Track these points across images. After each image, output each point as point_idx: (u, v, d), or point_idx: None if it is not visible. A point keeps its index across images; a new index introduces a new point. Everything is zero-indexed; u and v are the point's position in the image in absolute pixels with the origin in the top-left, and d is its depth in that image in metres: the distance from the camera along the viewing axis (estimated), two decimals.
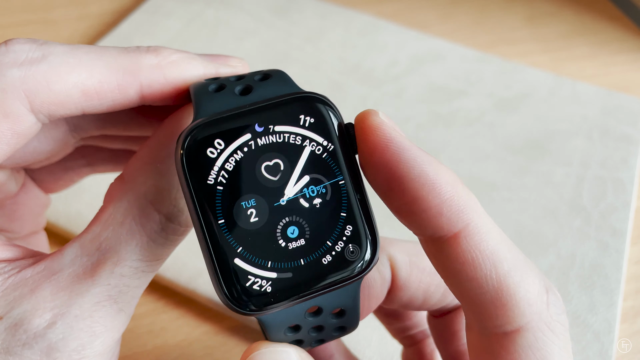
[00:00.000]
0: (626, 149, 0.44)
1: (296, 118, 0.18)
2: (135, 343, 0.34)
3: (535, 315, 0.17)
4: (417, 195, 0.17)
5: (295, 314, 0.19)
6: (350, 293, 0.20)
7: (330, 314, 0.20)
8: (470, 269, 0.17)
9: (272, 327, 0.19)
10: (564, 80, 0.50)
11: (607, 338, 0.34)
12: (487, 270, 0.17)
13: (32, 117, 0.19)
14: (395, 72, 0.50)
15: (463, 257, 0.17)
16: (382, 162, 0.18)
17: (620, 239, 0.39)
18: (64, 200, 0.38)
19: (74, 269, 0.19)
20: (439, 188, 0.17)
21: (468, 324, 0.19)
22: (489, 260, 0.17)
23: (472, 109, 0.47)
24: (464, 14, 0.59)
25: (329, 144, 0.19)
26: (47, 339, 0.18)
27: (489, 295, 0.17)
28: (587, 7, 0.60)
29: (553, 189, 0.42)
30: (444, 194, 0.17)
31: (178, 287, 0.36)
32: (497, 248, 0.18)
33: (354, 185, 0.19)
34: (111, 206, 0.20)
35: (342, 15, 0.55)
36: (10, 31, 0.54)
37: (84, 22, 0.55)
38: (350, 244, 0.18)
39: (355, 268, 0.18)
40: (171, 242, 0.20)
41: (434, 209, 0.17)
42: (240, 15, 0.54)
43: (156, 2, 0.55)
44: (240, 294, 0.18)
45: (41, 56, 0.19)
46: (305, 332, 0.20)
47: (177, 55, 0.21)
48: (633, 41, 0.57)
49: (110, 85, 0.20)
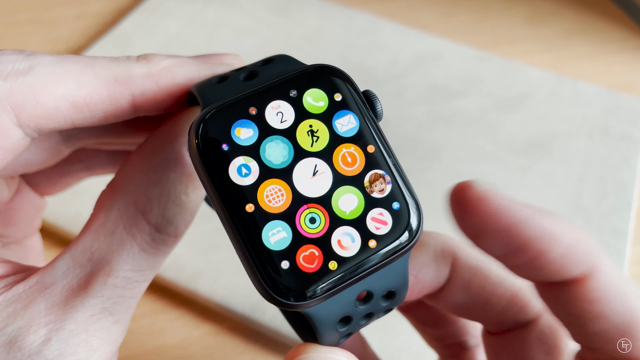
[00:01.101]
0: (627, 148, 0.44)
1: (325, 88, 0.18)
2: (134, 344, 0.34)
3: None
4: (542, 249, 0.18)
5: (346, 303, 0.18)
6: (400, 270, 0.19)
7: (380, 298, 0.19)
8: (600, 306, 0.18)
9: (323, 321, 0.18)
10: (564, 79, 0.50)
11: None
12: (617, 305, 0.18)
13: (19, 132, 0.19)
14: (396, 71, 0.50)
15: (592, 295, 0.18)
16: (497, 230, 0.18)
17: (621, 239, 0.39)
18: (63, 201, 0.38)
19: (67, 282, 0.19)
20: (563, 238, 0.18)
21: None
22: (618, 295, 0.18)
23: (473, 109, 0.47)
24: (464, 13, 0.59)
25: (357, 116, 0.18)
26: (42, 356, 0.17)
27: (619, 329, 0.18)
28: (588, 6, 0.60)
29: (554, 189, 0.41)
30: (569, 242, 0.18)
31: (178, 287, 0.35)
32: (624, 285, 0.18)
33: (387, 152, 0.18)
34: (102, 214, 0.20)
35: (342, 14, 0.55)
36: (10, 30, 0.53)
37: (83, 22, 0.55)
38: (394, 213, 0.18)
39: (402, 238, 0.17)
40: (162, 252, 0.20)
41: (561, 258, 0.18)
42: (240, 14, 0.54)
43: (156, 2, 0.55)
44: (281, 283, 0.16)
45: (28, 67, 0.18)
46: (356, 323, 0.19)
47: (169, 61, 0.20)
48: (634, 41, 0.56)
49: (101, 96, 0.19)
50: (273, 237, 0.17)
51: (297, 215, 0.17)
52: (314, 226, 0.17)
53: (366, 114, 0.18)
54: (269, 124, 0.17)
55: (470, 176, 0.42)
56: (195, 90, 0.19)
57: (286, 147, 0.17)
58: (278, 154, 0.17)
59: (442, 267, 0.23)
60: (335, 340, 0.19)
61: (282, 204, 0.17)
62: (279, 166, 0.17)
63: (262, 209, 0.17)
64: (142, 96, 0.20)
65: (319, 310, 0.17)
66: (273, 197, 0.17)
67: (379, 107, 0.19)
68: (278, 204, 0.17)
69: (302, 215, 0.17)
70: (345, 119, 0.18)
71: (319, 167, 0.17)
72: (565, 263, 0.18)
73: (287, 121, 0.18)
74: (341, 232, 0.17)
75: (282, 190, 0.17)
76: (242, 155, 0.17)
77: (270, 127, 0.17)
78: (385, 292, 0.19)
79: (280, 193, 0.17)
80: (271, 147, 0.17)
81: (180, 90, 0.20)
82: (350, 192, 0.17)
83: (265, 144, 0.17)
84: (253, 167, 0.17)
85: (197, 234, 0.37)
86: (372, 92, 0.19)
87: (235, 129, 0.17)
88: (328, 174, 0.17)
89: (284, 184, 0.17)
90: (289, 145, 0.17)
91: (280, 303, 0.16)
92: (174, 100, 0.21)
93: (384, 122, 0.45)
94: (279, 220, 0.17)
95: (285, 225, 0.17)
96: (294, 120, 0.18)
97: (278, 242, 0.17)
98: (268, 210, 0.17)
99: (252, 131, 0.17)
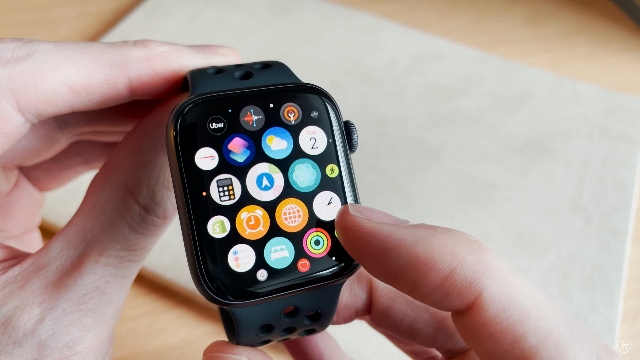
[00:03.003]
0: (627, 148, 0.44)
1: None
2: (134, 343, 0.34)
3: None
4: (416, 281, 0.16)
5: (271, 312, 0.18)
6: (330, 296, 0.19)
7: (305, 316, 0.19)
8: (489, 344, 0.15)
9: (245, 324, 0.18)
10: (564, 80, 0.50)
11: (607, 338, 0.34)
12: (508, 345, 0.15)
13: (20, 117, 0.19)
14: (396, 71, 0.50)
15: (479, 331, 0.15)
16: (371, 258, 0.17)
17: (620, 239, 0.39)
18: (63, 200, 0.38)
19: (61, 262, 0.19)
20: (436, 266, 0.16)
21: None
22: (509, 333, 0.15)
23: (473, 109, 0.47)
24: (464, 13, 0.59)
25: (329, 138, 0.19)
26: (36, 336, 0.18)
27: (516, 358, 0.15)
28: (587, 6, 0.60)
29: (553, 189, 0.42)
30: (443, 270, 0.16)
31: (178, 287, 0.35)
32: (520, 317, 0.15)
33: (348, 177, 0.19)
34: (94, 196, 0.20)
35: (342, 14, 0.55)
36: (10, 31, 0.53)
37: (84, 22, 0.55)
38: (334, 240, 0.18)
39: (335, 268, 0.18)
40: (152, 233, 0.20)
41: (439, 289, 0.16)
42: (240, 14, 0.54)
43: (156, 2, 0.55)
44: (220, 282, 0.17)
45: (26, 54, 0.19)
46: (276, 334, 0.19)
47: (165, 47, 0.21)
48: (634, 41, 0.56)
49: (98, 80, 0.20)
50: (216, 229, 0.17)
51: (237, 215, 0.17)
52: (252, 230, 0.17)
53: (339, 140, 0.19)
54: (242, 125, 0.18)
55: (470, 176, 0.42)
56: (189, 75, 0.20)
57: (249, 151, 0.18)
58: (240, 153, 0.18)
59: (358, 291, 0.22)
60: (252, 343, 0.19)
61: (258, 232, 0.17)
62: (240, 164, 0.18)
63: (212, 199, 0.17)
64: (139, 80, 0.20)
65: (244, 312, 0.18)
66: (224, 193, 0.17)
67: (355, 138, 0.19)
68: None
69: (243, 215, 0.18)
70: (313, 137, 0.19)
71: (275, 177, 0.18)
72: (444, 294, 0.16)
73: (257, 126, 0.18)
74: (277, 242, 0.18)
75: (232, 188, 0.17)
76: (209, 146, 0.17)
77: (242, 127, 0.18)
78: (312, 312, 0.19)
79: (231, 192, 0.17)
80: (234, 146, 0.18)
81: (176, 75, 0.21)
82: (298, 205, 0.18)
83: (229, 141, 0.18)
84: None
85: None
86: (351, 123, 0.19)
87: (210, 122, 0.18)
88: (280, 186, 0.18)
89: (237, 182, 0.18)
90: (252, 150, 0.18)
91: (210, 298, 0.17)
92: (170, 85, 0.21)
93: (384, 122, 0.45)
94: (222, 216, 0.17)
95: (227, 222, 0.17)
96: (262, 126, 0.18)
97: (219, 235, 0.17)
98: (217, 202, 0.17)
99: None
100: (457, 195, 0.41)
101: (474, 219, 0.39)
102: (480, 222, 0.39)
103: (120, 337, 0.34)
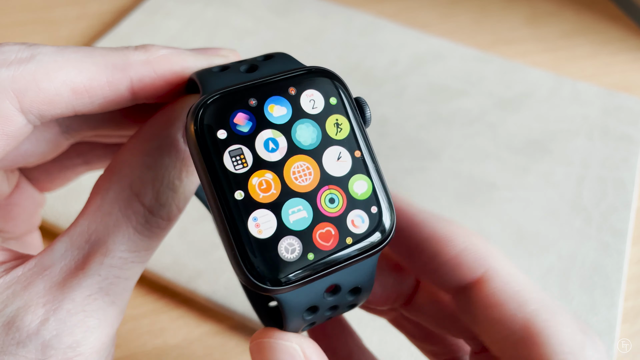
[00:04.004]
0: (627, 148, 0.44)
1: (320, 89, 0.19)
2: (134, 343, 0.34)
3: (569, 355, 0.17)
4: (435, 250, 0.19)
5: (315, 293, 0.19)
6: (368, 269, 0.20)
7: (347, 293, 0.20)
8: (496, 311, 0.18)
9: (292, 308, 0.19)
10: (564, 80, 0.50)
11: (607, 338, 0.34)
12: (513, 310, 0.18)
13: (22, 118, 0.19)
14: (396, 71, 0.50)
15: (487, 300, 0.18)
16: (397, 230, 0.20)
17: (620, 239, 0.39)
18: (63, 200, 0.38)
19: (66, 263, 0.19)
20: (453, 240, 0.19)
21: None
22: (514, 300, 0.18)
23: (473, 109, 0.47)
24: (464, 13, 0.59)
25: (350, 119, 0.19)
26: (40, 337, 0.18)
27: (517, 335, 0.17)
28: (587, 6, 0.60)
29: (553, 189, 0.42)
30: (459, 245, 0.19)
31: (178, 287, 0.35)
32: (521, 289, 0.18)
33: (370, 156, 0.19)
34: (99, 197, 0.20)
35: (342, 14, 0.55)
36: (10, 30, 0.53)
37: (83, 22, 0.55)
38: (371, 215, 0.19)
39: (374, 238, 0.18)
40: (156, 235, 0.20)
41: (453, 260, 0.19)
42: (240, 14, 0.54)
43: (156, 2, 0.55)
44: (261, 267, 0.17)
45: (30, 56, 0.19)
46: (321, 314, 0.20)
47: (166, 50, 0.21)
48: (634, 41, 0.56)
49: (100, 82, 0.20)
50: (259, 226, 0.17)
51: (282, 206, 0.18)
52: (298, 218, 0.18)
53: (358, 119, 0.19)
54: (266, 116, 0.18)
55: (470, 176, 0.42)
56: (195, 76, 0.20)
57: (280, 141, 0.18)
58: (271, 146, 0.18)
59: (404, 276, 0.23)
60: (299, 328, 0.20)
61: (271, 194, 0.18)
62: (271, 159, 0.18)
63: (251, 196, 0.17)
64: (140, 82, 0.20)
65: (290, 297, 0.18)
66: (262, 187, 0.17)
67: (368, 113, 0.20)
68: (267, 193, 0.17)
69: (288, 206, 0.18)
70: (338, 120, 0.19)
71: (305, 166, 0.18)
72: (457, 265, 0.19)
73: (284, 117, 0.18)
74: (323, 227, 0.18)
75: (270, 182, 0.18)
76: (238, 143, 0.17)
77: (267, 120, 0.18)
78: (352, 287, 0.20)
79: (267, 184, 0.18)
80: (264, 137, 0.18)
81: (177, 78, 0.21)
82: (334, 193, 0.18)
83: (258, 135, 0.18)
84: (247, 156, 0.18)
85: (197, 234, 0.37)
86: (362, 99, 0.20)
87: (234, 117, 0.18)
88: (311, 175, 0.18)
89: (275, 176, 0.18)
90: (286, 139, 0.18)
91: (257, 287, 0.17)
92: (171, 88, 0.21)
93: (384, 122, 0.45)
94: (265, 209, 0.17)
95: (272, 215, 0.17)
96: (290, 117, 0.18)
97: (265, 230, 0.17)
98: (256, 199, 0.17)
99: (250, 121, 0.18)
100: (457, 195, 0.41)
101: (474, 218, 0.39)
102: (480, 222, 0.39)
103: (120, 337, 0.34)
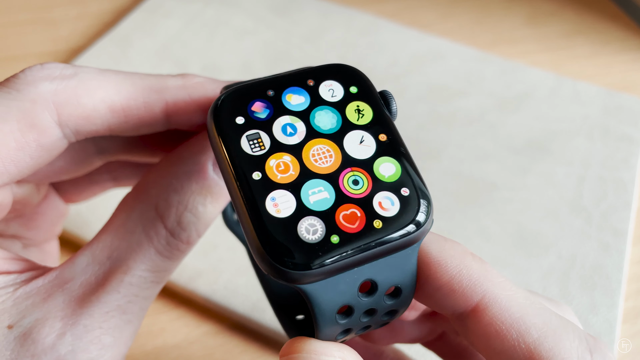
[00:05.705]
0: (627, 149, 0.44)
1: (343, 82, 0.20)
2: (134, 344, 0.34)
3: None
4: (427, 275, 0.18)
5: (348, 290, 0.17)
6: (407, 267, 0.18)
7: (384, 294, 0.18)
8: (496, 342, 0.17)
9: (324, 306, 0.17)
10: (564, 79, 0.50)
11: (607, 338, 0.34)
12: (514, 340, 0.17)
13: (58, 131, 0.19)
14: (396, 71, 0.50)
15: (487, 330, 0.17)
16: None
17: (621, 239, 0.39)
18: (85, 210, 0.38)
19: (86, 278, 0.19)
20: (444, 265, 0.18)
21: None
22: (514, 329, 0.17)
23: (473, 109, 0.47)
24: (464, 13, 0.59)
25: (373, 106, 0.19)
26: (56, 351, 0.17)
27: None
28: (587, 6, 0.60)
29: (554, 189, 0.42)
30: (451, 269, 0.17)
31: (178, 287, 0.35)
32: (521, 315, 0.17)
33: (398, 140, 0.19)
34: (124, 215, 0.20)
35: (343, 14, 0.55)
36: (10, 30, 0.53)
37: (83, 22, 0.55)
38: (402, 198, 0.18)
39: (409, 227, 0.17)
40: (175, 257, 0.21)
41: (446, 287, 0.17)
42: (240, 14, 0.54)
43: (155, 2, 0.55)
44: (281, 249, 0.16)
45: (73, 73, 0.20)
46: (356, 318, 0.18)
47: (202, 78, 0.22)
48: (634, 41, 0.56)
49: (137, 102, 0.20)
50: (278, 205, 0.17)
51: (302, 186, 0.17)
52: (319, 198, 0.17)
53: (382, 107, 0.19)
54: (284, 104, 0.19)
55: (470, 176, 0.42)
56: (224, 89, 0.21)
57: (298, 126, 0.19)
58: (289, 130, 0.18)
59: (437, 321, 0.23)
60: (334, 335, 0.18)
61: (289, 175, 0.17)
62: (290, 142, 0.18)
63: (268, 177, 0.17)
64: (175, 105, 0.21)
65: (320, 291, 0.17)
66: (279, 168, 0.18)
67: (394, 106, 0.20)
68: (285, 174, 0.17)
69: (308, 187, 0.17)
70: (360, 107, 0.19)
71: (327, 149, 0.18)
72: (450, 292, 0.17)
73: (302, 104, 0.19)
74: (347, 209, 0.17)
75: (289, 164, 0.18)
76: (255, 128, 0.18)
77: (284, 107, 0.19)
78: (390, 286, 0.18)
79: (285, 165, 0.18)
80: (282, 122, 0.18)
81: (211, 104, 0.21)
82: (358, 175, 0.18)
83: (275, 120, 0.19)
84: (265, 140, 0.18)
85: None
86: (389, 92, 0.20)
87: (252, 105, 0.18)
88: (332, 157, 0.18)
89: (293, 158, 0.18)
90: (304, 124, 0.19)
91: (279, 271, 0.16)
92: (205, 114, 0.21)
93: None
94: (284, 190, 0.17)
95: (290, 196, 0.17)
96: (309, 105, 0.19)
97: (284, 210, 0.17)
98: (274, 179, 0.17)
99: (267, 109, 0.19)
100: (457, 195, 0.41)
101: (474, 219, 0.39)
102: (480, 222, 0.39)
103: None
